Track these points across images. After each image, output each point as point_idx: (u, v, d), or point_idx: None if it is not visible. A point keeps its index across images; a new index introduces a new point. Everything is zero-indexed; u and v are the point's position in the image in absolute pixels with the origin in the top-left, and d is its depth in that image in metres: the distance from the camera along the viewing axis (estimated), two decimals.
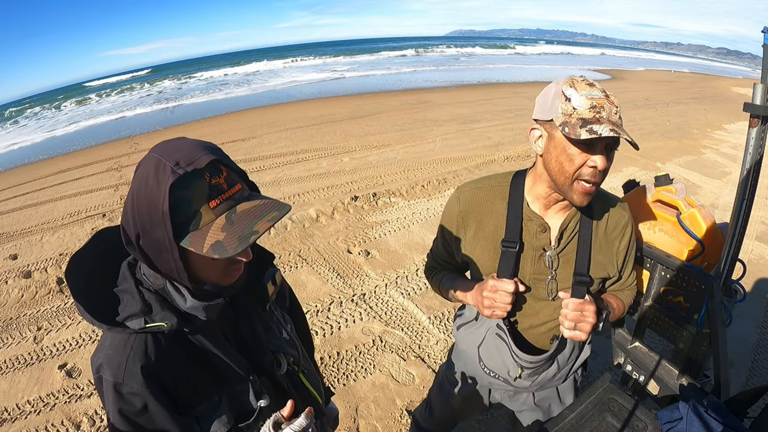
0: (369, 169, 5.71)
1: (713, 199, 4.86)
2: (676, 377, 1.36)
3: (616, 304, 1.07)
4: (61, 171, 6.79)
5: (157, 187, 0.56)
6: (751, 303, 2.95)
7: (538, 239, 0.99)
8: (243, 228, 0.59)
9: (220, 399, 0.72)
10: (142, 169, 0.59)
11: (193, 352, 0.69)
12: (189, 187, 0.57)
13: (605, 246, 1.01)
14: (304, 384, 0.89)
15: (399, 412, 2.13)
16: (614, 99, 0.85)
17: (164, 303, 0.65)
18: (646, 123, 8.80)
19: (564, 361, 1.09)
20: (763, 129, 1.12)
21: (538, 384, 1.10)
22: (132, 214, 0.60)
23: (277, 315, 0.87)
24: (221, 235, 0.59)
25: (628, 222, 1.03)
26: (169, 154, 0.58)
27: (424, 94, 12.62)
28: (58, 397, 2.26)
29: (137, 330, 0.63)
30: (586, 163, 0.84)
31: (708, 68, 34.53)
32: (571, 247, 0.99)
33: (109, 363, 0.63)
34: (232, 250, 0.58)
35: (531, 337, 1.08)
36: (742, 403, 1.15)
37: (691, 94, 14.20)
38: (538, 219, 0.98)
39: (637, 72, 23.75)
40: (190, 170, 0.57)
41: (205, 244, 0.58)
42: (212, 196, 0.59)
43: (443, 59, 30.81)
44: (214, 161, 0.59)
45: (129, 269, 0.68)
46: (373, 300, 3.01)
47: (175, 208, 0.57)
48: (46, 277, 3.45)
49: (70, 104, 20.50)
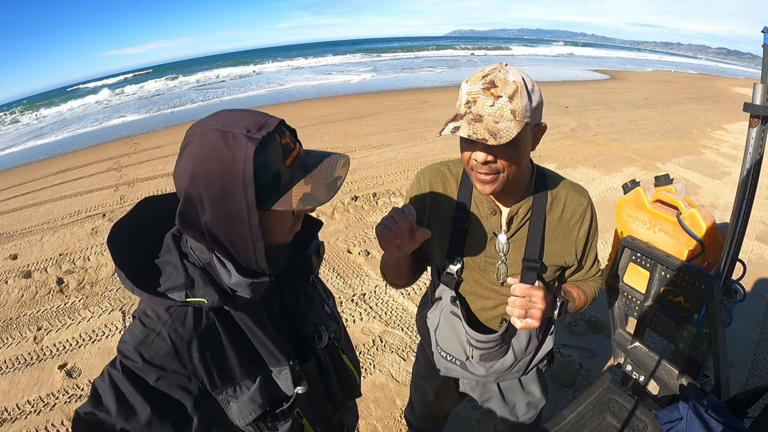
0: (369, 169, 5.71)
1: (713, 199, 4.86)
2: (676, 377, 1.36)
3: (577, 294, 1.05)
4: (61, 171, 6.79)
5: (232, 156, 0.55)
6: (751, 303, 2.95)
7: (489, 222, 0.99)
8: (324, 177, 0.61)
9: (255, 380, 0.70)
10: (202, 144, 0.57)
11: (233, 331, 0.68)
12: (266, 151, 0.57)
13: (561, 234, 1.00)
14: (344, 361, 0.88)
15: (399, 412, 2.13)
16: (504, 89, 0.79)
17: (208, 279, 0.64)
18: (646, 123, 8.79)
19: (521, 352, 1.07)
20: (763, 129, 1.12)
21: (494, 373, 1.09)
22: (197, 192, 0.57)
23: (319, 288, 0.86)
24: (307, 187, 0.60)
25: (587, 209, 1.00)
26: (233, 124, 0.57)
27: (424, 94, 12.61)
28: (58, 397, 2.26)
29: (177, 302, 0.62)
30: (471, 156, 0.85)
31: (708, 68, 34.46)
32: (522, 233, 0.99)
33: (140, 324, 0.62)
34: (323, 197, 0.60)
35: (484, 320, 1.09)
36: (742, 403, 1.15)
37: (691, 94, 14.19)
38: (489, 202, 0.98)
39: (637, 72, 23.75)
40: (265, 134, 0.57)
41: (293, 200, 0.59)
42: (286, 156, 0.59)
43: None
44: (280, 122, 0.60)
45: (174, 241, 0.66)
46: (373, 300, 3.01)
47: (257, 174, 0.56)
48: (46, 277, 3.45)
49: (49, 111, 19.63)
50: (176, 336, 0.62)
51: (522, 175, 0.94)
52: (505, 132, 0.79)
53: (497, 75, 0.82)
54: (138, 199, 4.75)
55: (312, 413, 0.82)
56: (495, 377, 1.12)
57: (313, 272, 0.81)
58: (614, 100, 11.92)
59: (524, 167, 0.91)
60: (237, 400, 0.69)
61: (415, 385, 1.42)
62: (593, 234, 1.03)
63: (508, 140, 0.78)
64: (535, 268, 0.98)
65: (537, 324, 0.89)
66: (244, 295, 0.66)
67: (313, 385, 0.80)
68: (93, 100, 20.51)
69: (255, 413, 0.70)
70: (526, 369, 1.14)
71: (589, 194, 1.03)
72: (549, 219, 0.99)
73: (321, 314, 0.82)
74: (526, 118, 0.81)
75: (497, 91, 0.80)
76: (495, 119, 0.80)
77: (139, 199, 3.47)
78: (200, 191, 0.57)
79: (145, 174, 5.99)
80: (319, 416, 0.85)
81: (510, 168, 0.86)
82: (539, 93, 0.85)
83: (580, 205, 1.00)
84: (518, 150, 0.84)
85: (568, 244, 1.01)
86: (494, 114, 0.80)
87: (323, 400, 0.86)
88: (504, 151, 0.83)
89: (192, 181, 0.57)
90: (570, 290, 1.05)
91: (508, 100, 0.80)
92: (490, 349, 1.03)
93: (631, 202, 1.48)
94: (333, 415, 0.91)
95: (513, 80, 0.81)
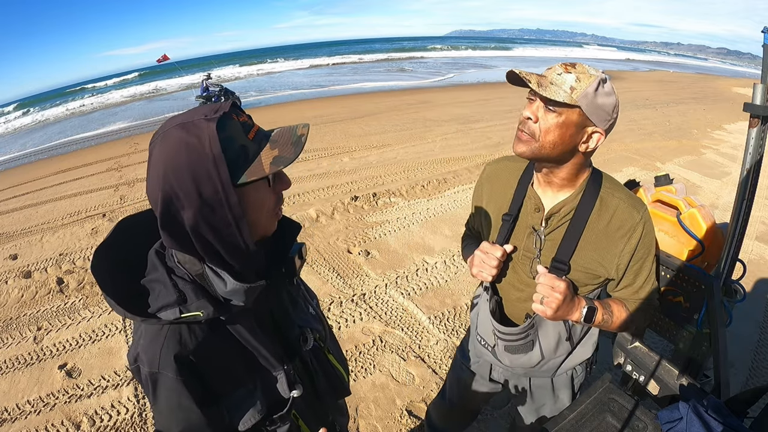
0: (369, 169, 5.71)
1: (713, 199, 4.86)
2: (676, 377, 1.36)
3: (617, 311, 1.00)
4: (61, 171, 6.79)
5: (198, 139, 0.56)
6: (751, 303, 2.95)
7: (531, 218, 1.02)
8: (288, 138, 0.63)
9: (254, 387, 0.71)
10: (166, 144, 0.57)
11: (229, 340, 0.68)
12: (227, 128, 0.58)
13: (604, 242, 0.96)
14: (331, 361, 0.88)
15: (399, 412, 2.13)
16: (579, 71, 0.85)
17: (199, 291, 0.63)
18: (646, 123, 8.80)
19: (550, 352, 1.07)
20: (763, 129, 1.12)
21: (520, 366, 1.11)
22: (172, 191, 0.57)
23: (302, 290, 0.87)
24: (274, 151, 0.61)
25: (639, 225, 0.94)
26: (189, 116, 0.59)
27: (424, 94, 12.62)
28: (58, 397, 2.26)
29: (171, 321, 0.62)
30: (523, 113, 0.90)
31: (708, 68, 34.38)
32: (558, 232, 0.99)
33: (145, 353, 0.63)
34: (292, 154, 0.61)
35: (515, 311, 1.12)
36: (742, 403, 1.15)
37: (691, 94, 14.19)
38: (536, 198, 1.01)
39: (637, 72, 23.74)
40: (221, 114, 0.58)
41: (264, 165, 0.60)
42: (247, 131, 0.61)
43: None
44: (233, 105, 0.61)
45: (158, 258, 0.66)
46: (373, 300, 3.01)
47: (224, 150, 0.57)
48: (46, 277, 3.44)
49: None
50: (176, 358, 0.62)
51: (568, 167, 0.94)
52: (553, 92, 0.83)
53: (583, 63, 0.88)
54: (138, 199, 4.77)
55: (307, 415, 0.83)
56: (523, 371, 1.15)
57: (296, 274, 0.82)
58: None
59: (563, 154, 0.90)
60: (239, 408, 0.70)
61: (453, 364, 1.44)
62: (644, 253, 0.97)
63: (549, 96, 0.82)
64: (562, 269, 0.98)
65: (550, 313, 0.91)
66: (239, 302, 0.66)
67: (303, 380, 0.80)
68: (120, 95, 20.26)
69: (255, 419, 0.71)
70: (556, 371, 1.14)
71: (647, 211, 0.97)
72: (592, 225, 0.96)
73: (305, 316, 0.83)
74: (581, 102, 0.83)
75: (572, 69, 0.86)
76: (553, 81, 0.85)
77: (139, 199, 3.47)
78: (174, 188, 0.57)
79: (145, 174, 5.98)
80: (314, 417, 0.86)
81: (545, 137, 0.88)
82: (613, 102, 0.87)
83: (631, 219, 0.94)
84: (559, 125, 0.86)
85: (609, 255, 0.97)
86: (556, 79, 0.85)
87: (314, 401, 0.87)
88: (546, 117, 0.86)
89: (165, 182, 0.57)
90: (611, 304, 1.01)
91: (575, 78, 0.84)
92: (512, 341, 1.06)
93: None
94: (326, 416, 0.92)
95: (593, 72, 0.86)
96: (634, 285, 1.01)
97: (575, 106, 0.84)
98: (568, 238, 0.97)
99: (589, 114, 0.85)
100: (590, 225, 0.97)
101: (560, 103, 0.83)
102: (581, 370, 1.20)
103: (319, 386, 0.86)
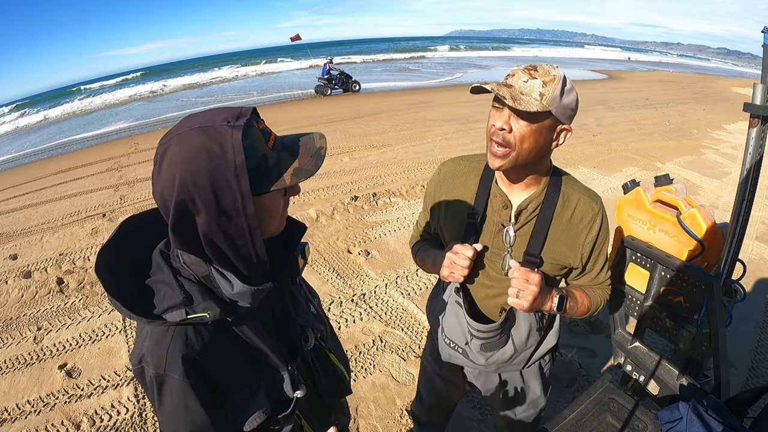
0: (369, 169, 5.71)
1: (713, 199, 4.86)
2: (676, 377, 1.36)
3: (580, 296, 1.07)
4: (61, 171, 6.79)
5: (220, 147, 0.55)
6: (751, 303, 2.95)
7: (499, 215, 1.03)
8: (308, 150, 0.63)
9: (259, 387, 0.71)
10: (184, 146, 0.55)
11: (234, 341, 0.68)
12: (249, 136, 0.58)
13: (568, 235, 1.02)
14: (332, 360, 0.88)
15: (399, 412, 2.13)
16: (542, 75, 0.87)
17: (206, 292, 0.63)
18: (646, 123, 8.80)
19: (521, 344, 1.09)
20: (763, 129, 1.12)
21: (494, 363, 1.12)
22: (188, 197, 0.55)
23: (304, 289, 0.86)
24: (295, 163, 0.62)
25: (597, 216, 1.02)
26: (209, 119, 0.57)
27: (424, 94, 12.62)
28: (58, 397, 2.26)
29: (178, 322, 0.61)
30: (492, 122, 0.91)
31: (708, 68, 34.38)
32: (528, 227, 1.02)
33: (150, 354, 0.62)
34: (313, 167, 0.62)
35: (486, 309, 1.13)
36: (742, 403, 1.15)
37: (691, 94, 14.19)
38: (503, 196, 1.02)
39: (636, 72, 23.74)
40: (245, 121, 0.58)
41: (286, 177, 0.60)
42: (267, 139, 0.61)
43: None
44: (253, 110, 0.61)
45: (163, 258, 0.65)
46: (373, 300, 3.01)
47: (247, 159, 0.57)
48: (46, 277, 3.44)
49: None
50: (183, 359, 0.62)
51: (535, 167, 0.97)
52: (526, 103, 0.84)
53: (542, 64, 0.90)
54: (138, 200, 4.77)
55: (309, 414, 0.82)
56: (495, 368, 1.15)
57: (299, 274, 0.82)
58: (614, 100, 11.93)
59: (537, 158, 0.94)
60: (244, 409, 0.70)
61: (424, 374, 1.44)
62: (602, 241, 1.05)
63: (524, 109, 0.83)
64: (534, 262, 1.01)
65: (526, 305, 0.92)
66: (245, 304, 0.65)
67: (305, 387, 0.80)
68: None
69: (259, 419, 0.71)
70: (527, 362, 1.16)
71: (602, 202, 1.04)
72: (557, 219, 1.02)
73: (307, 316, 0.83)
74: (551, 106, 0.86)
75: (535, 74, 0.87)
76: (522, 91, 0.86)
77: (139, 199, 3.48)
78: (191, 193, 0.55)
79: (145, 174, 5.98)
80: (317, 417, 0.86)
81: (521, 146, 0.89)
82: (574, 97, 0.90)
83: (591, 211, 1.02)
84: (534, 132, 0.88)
85: (574, 247, 1.03)
86: (523, 88, 0.87)
87: (316, 401, 0.87)
88: (520, 127, 0.88)
89: (181, 186, 0.55)
90: (574, 291, 1.07)
91: (542, 83, 0.86)
92: (489, 339, 1.06)
93: (631, 202, 1.48)
94: (328, 415, 0.92)
95: (554, 73, 0.88)
96: (593, 271, 1.09)
97: (547, 112, 0.86)
98: (537, 232, 1.01)
99: (559, 115, 0.88)
100: (555, 218, 1.01)
101: (534, 112, 0.85)
102: (549, 358, 1.24)
103: (321, 386, 0.86)
